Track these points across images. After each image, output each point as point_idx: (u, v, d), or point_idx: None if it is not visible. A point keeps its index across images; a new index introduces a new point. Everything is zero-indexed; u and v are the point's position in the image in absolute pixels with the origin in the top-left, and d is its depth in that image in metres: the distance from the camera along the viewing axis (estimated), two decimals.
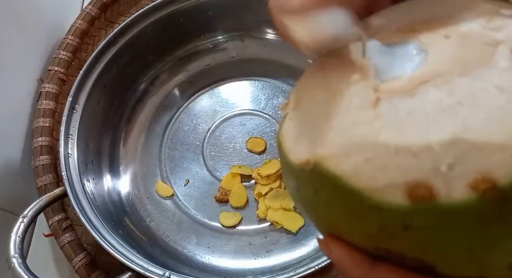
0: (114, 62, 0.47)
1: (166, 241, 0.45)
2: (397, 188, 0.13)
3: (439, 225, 0.13)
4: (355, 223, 0.15)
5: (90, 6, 0.54)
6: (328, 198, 0.15)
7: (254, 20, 0.52)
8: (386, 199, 0.13)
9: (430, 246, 0.14)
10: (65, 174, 0.40)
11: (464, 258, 0.14)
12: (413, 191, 0.13)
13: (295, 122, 0.17)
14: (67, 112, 0.43)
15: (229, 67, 0.53)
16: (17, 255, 0.34)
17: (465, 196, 0.12)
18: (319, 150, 0.15)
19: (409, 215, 0.13)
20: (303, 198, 0.17)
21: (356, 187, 0.14)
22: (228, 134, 0.50)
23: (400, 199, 0.13)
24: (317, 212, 0.17)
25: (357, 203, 0.14)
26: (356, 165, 0.14)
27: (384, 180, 0.13)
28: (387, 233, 0.14)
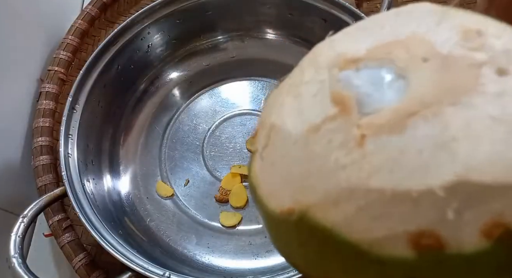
0: (114, 62, 0.47)
1: (166, 241, 0.45)
2: (399, 239, 0.12)
3: (448, 276, 0.12)
4: (353, 276, 0.13)
5: (90, 6, 0.54)
6: (319, 251, 0.14)
7: (254, 20, 0.52)
8: (388, 252, 0.12)
9: None
10: (65, 174, 0.40)
11: None
12: (418, 241, 0.12)
13: (268, 164, 0.15)
14: (67, 112, 0.43)
15: (229, 67, 0.53)
16: (17, 255, 0.34)
17: (477, 245, 0.11)
18: (301, 198, 0.13)
19: (417, 268, 0.12)
20: (287, 248, 0.16)
21: (351, 240, 0.12)
22: (228, 134, 0.50)
23: (404, 250, 0.12)
24: (305, 263, 0.15)
25: (354, 256, 0.13)
26: (348, 215, 0.12)
27: (383, 231, 0.12)
28: None
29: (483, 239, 0.11)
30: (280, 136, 0.15)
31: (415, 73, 0.13)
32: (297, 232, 0.14)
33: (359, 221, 0.12)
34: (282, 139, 0.14)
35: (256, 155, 0.16)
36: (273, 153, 0.15)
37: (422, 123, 0.12)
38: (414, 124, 0.12)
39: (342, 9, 0.44)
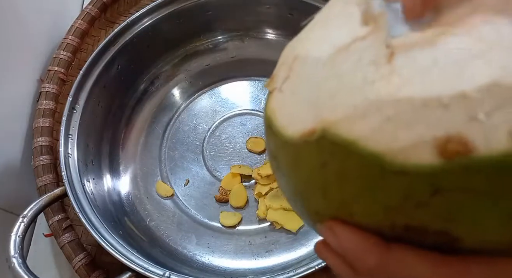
0: (114, 62, 0.47)
1: (166, 241, 0.45)
2: (426, 146, 0.11)
3: (477, 185, 0.11)
4: (374, 196, 0.13)
5: (90, 6, 0.54)
6: (340, 170, 0.13)
7: (254, 20, 0.52)
8: (413, 161, 0.11)
9: (461, 213, 0.12)
10: (65, 174, 0.40)
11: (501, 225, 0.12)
12: (445, 147, 0.11)
13: (289, 93, 0.15)
14: (67, 112, 0.43)
15: (229, 67, 0.53)
16: (17, 255, 0.34)
17: (507, 145, 0.11)
18: (326, 115, 0.13)
19: (441, 177, 0.11)
20: (303, 178, 0.15)
21: (375, 151, 0.12)
22: (228, 134, 0.50)
23: (430, 158, 0.11)
24: (323, 191, 0.14)
25: (377, 170, 0.12)
26: (375, 126, 0.12)
27: (410, 139, 0.11)
28: (413, 202, 0.12)
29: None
30: (304, 63, 0.14)
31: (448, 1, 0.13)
32: (318, 153, 0.13)
33: (385, 131, 0.12)
34: (307, 64, 0.14)
35: (274, 92, 0.16)
36: (295, 82, 0.15)
37: (455, 37, 0.12)
38: (447, 39, 0.12)
39: None
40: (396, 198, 0.12)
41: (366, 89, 0.12)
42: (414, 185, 0.12)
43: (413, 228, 0.13)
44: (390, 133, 0.12)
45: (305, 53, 0.15)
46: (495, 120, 0.11)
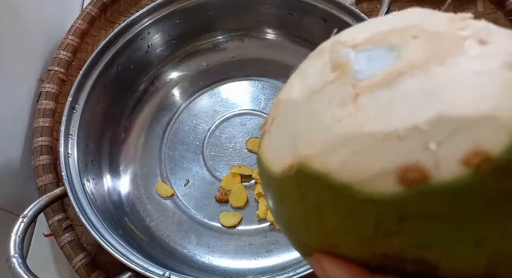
0: (114, 62, 0.47)
1: (166, 241, 0.45)
2: (388, 175, 0.12)
3: (436, 211, 0.12)
4: (349, 226, 0.14)
5: (90, 6, 0.54)
6: (318, 201, 0.14)
7: (254, 20, 0.52)
8: (377, 189, 0.13)
9: (430, 240, 0.13)
10: (65, 174, 0.40)
11: (472, 251, 0.13)
12: (405, 175, 0.12)
13: (274, 133, 0.17)
14: (67, 112, 0.43)
15: (229, 67, 0.53)
16: (17, 255, 0.34)
17: (458, 173, 0.12)
18: (302, 151, 0.14)
19: (404, 203, 0.12)
20: (289, 212, 0.16)
21: (345, 182, 0.13)
22: (228, 134, 0.50)
23: (392, 186, 0.12)
24: (306, 224, 0.16)
25: (349, 200, 0.13)
26: (344, 159, 0.13)
27: (374, 169, 0.13)
28: (383, 230, 0.13)
29: (463, 167, 0.12)
30: (286, 106, 0.16)
31: (406, 47, 0.14)
32: (297, 186, 0.15)
33: (353, 163, 0.13)
34: (288, 107, 0.16)
35: (265, 133, 0.17)
36: (279, 123, 0.16)
37: (410, 79, 0.13)
38: (403, 81, 0.13)
39: (342, 9, 0.44)
40: (368, 227, 0.13)
41: (335, 127, 0.14)
42: (382, 213, 0.13)
43: (391, 257, 0.14)
44: (357, 165, 0.13)
45: (286, 97, 0.16)
46: (446, 149, 0.12)
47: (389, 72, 0.14)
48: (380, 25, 0.16)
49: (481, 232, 0.12)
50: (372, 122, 0.13)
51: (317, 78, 0.15)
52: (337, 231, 0.14)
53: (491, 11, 0.53)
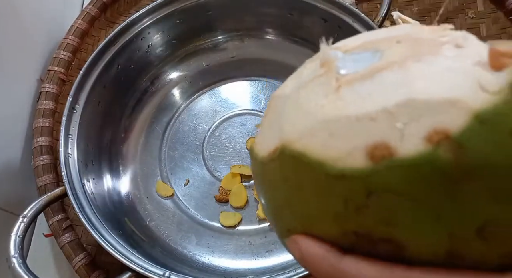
0: (114, 62, 0.47)
1: (166, 241, 0.45)
2: (359, 153, 0.14)
3: (401, 185, 0.13)
4: (324, 203, 0.15)
5: (90, 6, 0.54)
6: (297, 181, 0.15)
7: (254, 20, 0.52)
8: (349, 165, 0.14)
9: (394, 215, 0.14)
10: (65, 174, 0.40)
11: (432, 228, 0.13)
12: (373, 152, 0.13)
13: (264, 126, 0.18)
14: (67, 112, 0.43)
15: (229, 67, 0.53)
16: (17, 255, 0.34)
17: (421, 149, 0.13)
18: (285, 135, 0.16)
19: (371, 178, 0.13)
20: (273, 195, 0.17)
21: (321, 160, 0.14)
22: (228, 134, 0.50)
23: (362, 162, 0.14)
24: (288, 206, 0.17)
25: (324, 177, 0.14)
26: (321, 140, 0.15)
27: (347, 148, 0.14)
28: (353, 206, 0.14)
29: (426, 144, 0.13)
30: (277, 101, 0.18)
31: (389, 49, 0.16)
32: (280, 168, 0.16)
33: (328, 143, 0.14)
34: (279, 101, 0.17)
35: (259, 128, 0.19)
36: (269, 116, 0.18)
37: (388, 73, 0.15)
38: (381, 75, 0.15)
39: (342, 9, 0.44)
40: (340, 203, 0.14)
41: (316, 113, 0.15)
42: (352, 188, 0.14)
43: (362, 236, 0.14)
44: (332, 144, 0.14)
45: (279, 93, 0.18)
46: (411, 129, 0.13)
47: (370, 68, 0.15)
48: (371, 36, 0.17)
49: (438, 209, 0.13)
50: (348, 107, 0.14)
51: (307, 76, 0.17)
52: (314, 210, 0.15)
53: (491, 11, 0.53)
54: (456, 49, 0.15)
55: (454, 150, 0.13)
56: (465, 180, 0.13)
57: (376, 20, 0.43)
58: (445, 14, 0.54)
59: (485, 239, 0.13)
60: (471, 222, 0.13)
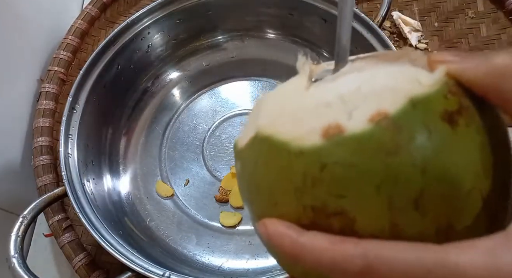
0: (114, 62, 0.47)
1: (166, 241, 0.45)
2: (316, 133, 0.16)
3: (347, 158, 0.15)
4: (286, 180, 0.17)
5: (90, 6, 0.54)
6: (265, 162, 0.18)
7: (254, 20, 0.52)
8: (307, 143, 0.16)
9: (343, 187, 0.16)
10: (65, 174, 0.40)
11: (375, 199, 0.15)
12: (327, 132, 0.16)
13: (247, 123, 0.21)
14: (67, 112, 0.43)
15: (229, 67, 0.53)
16: (17, 255, 0.34)
17: (365, 126, 0.15)
18: (259, 125, 0.18)
19: (323, 152, 0.16)
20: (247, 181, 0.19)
21: (284, 140, 0.17)
22: (228, 134, 0.50)
23: (317, 140, 0.16)
24: (256, 188, 0.18)
25: (286, 155, 0.17)
26: (286, 124, 0.17)
27: (306, 129, 0.16)
28: (310, 180, 0.16)
29: (369, 123, 0.15)
30: (260, 102, 0.20)
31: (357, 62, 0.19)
32: (252, 152, 0.18)
33: (292, 127, 0.17)
34: (260, 101, 0.20)
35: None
36: (252, 115, 0.20)
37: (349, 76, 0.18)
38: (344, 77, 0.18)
39: None
40: (299, 178, 0.16)
41: (286, 104, 0.18)
42: (308, 162, 0.16)
43: (318, 211, 0.16)
44: (295, 127, 0.17)
45: (262, 97, 0.21)
46: (359, 112, 0.16)
47: (337, 74, 0.19)
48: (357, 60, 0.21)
49: (377, 180, 0.15)
50: (311, 99, 0.18)
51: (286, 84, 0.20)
52: (278, 189, 0.17)
53: (491, 11, 0.53)
54: (409, 61, 0.18)
55: (391, 126, 0.15)
56: (398, 152, 0.15)
57: (376, 20, 0.43)
58: (445, 14, 0.54)
59: (421, 211, 0.15)
60: (406, 193, 0.15)
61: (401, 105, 0.15)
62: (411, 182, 0.15)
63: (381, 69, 0.18)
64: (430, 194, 0.15)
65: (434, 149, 0.15)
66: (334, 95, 0.17)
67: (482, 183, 0.16)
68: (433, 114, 0.16)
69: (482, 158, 0.16)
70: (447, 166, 0.15)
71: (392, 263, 0.14)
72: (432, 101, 0.16)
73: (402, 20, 0.53)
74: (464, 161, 0.16)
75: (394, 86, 0.16)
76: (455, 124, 0.16)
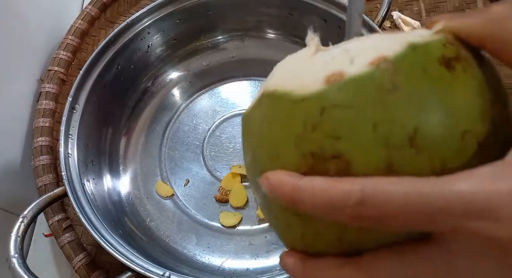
0: (114, 62, 0.47)
1: (166, 241, 0.45)
2: (318, 80, 0.17)
3: (347, 99, 0.16)
4: (288, 129, 0.18)
5: (90, 6, 0.54)
6: (270, 115, 0.19)
7: (254, 20, 0.52)
8: (308, 90, 0.17)
9: (341, 127, 0.16)
10: (65, 174, 0.40)
11: (371, 137, 0.16)
12: (329, 79, 0.17)
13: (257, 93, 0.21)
14: (67, 112, 0.43)
15: (229, 67, 0.53)
16: (17, 255, 0.34)
17: (365, 69, 0.16)
18: (267, 85, 0.19)
19: (324, 96, 0.17)
20: (253, 142, 0.20)
21: (287, 90, 0.18)
22: (228, 134, 0.50)
23: (320, 85, 0.17)
24: (261, 144, 0.19)
25: (288, 104, 0.17)
26: (290, 78, 0.18)
27: (310, 79, 0.17)
28: (310, 125, 0.17)
29: (369, 66, 0.16)
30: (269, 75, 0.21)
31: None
32: (259, 110, 0.19)
33: (296, 79, 0.18)
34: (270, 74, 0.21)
35: None
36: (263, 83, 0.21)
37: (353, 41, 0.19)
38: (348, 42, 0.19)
39: (342, 9, 0.44)
40: (300, 125, 0.17)
41: (293, 66, 0.20)
42: (309, 108, 0.17)
43: (317, 156, 0.17)
44: (299, 79, 0.18)
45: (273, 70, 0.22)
46: (360, 58, 0.17)
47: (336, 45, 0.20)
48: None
49: (374, 118, 0.16)
50: (318, 59, 0.19)
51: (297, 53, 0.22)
52: (280, 139, 0.18)
53: None
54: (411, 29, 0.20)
55: (390, 68, 0.16)
56: (396, 91, 0.16)
57: (376, 20, 0.43)
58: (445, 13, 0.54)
59: (416, 148, 0.16)
60: (402, 130, 0.16)
61: (401, 49, 0.16)
62: (407, 119, 0.16)
63: (385, 34, 0.20)
64: (425, 132, 0.16)
65: (430, 88, 0.16)
66: (339, 50, 0.18)
67: (477, 126, 0.16)
68: (431, 58, 0.16)
69: (478, 103, 0.16)
70: (443, 105, 0.16)
71: (390, 193, 0.15)
72: (431, 47, 0.17)
73: (402, 20, 0.53)
74: (460, 103, 0.16)
75: (396, 37, 0.18)
76: (452, 68, 0.16)
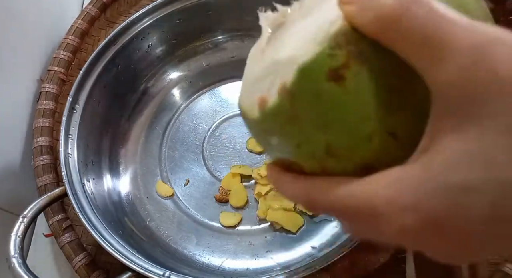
0: (114, 62, 0.47)
1: (166, 241, 0.45)
2: (255, 104, 0.19)
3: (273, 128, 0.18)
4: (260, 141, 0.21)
5: (90, 6, 0.54)
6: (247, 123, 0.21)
7: (254, 20, 0.51)
8: (254, 114, 0.19)
9: (283, 148, 0.19)
10: (65, 174, 0.40)
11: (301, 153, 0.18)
12: (260, 104, 0.18)
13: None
14: (67, 112, 0.43)
15: (229, 67, 0.53)
16: (17, 255, 0.34)
17: (275, 99, 0.17)
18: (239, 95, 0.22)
19: (261, 124, 0.19)
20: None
21: (246, 111, 0.20)
22: (228, 134, 0.50)
23: (256, 112, 0.19)
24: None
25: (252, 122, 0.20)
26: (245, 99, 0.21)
27: (251, 102, 0.19)
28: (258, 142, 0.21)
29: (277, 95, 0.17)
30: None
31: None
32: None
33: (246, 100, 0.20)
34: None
35: None
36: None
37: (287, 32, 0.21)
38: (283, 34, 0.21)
39: None
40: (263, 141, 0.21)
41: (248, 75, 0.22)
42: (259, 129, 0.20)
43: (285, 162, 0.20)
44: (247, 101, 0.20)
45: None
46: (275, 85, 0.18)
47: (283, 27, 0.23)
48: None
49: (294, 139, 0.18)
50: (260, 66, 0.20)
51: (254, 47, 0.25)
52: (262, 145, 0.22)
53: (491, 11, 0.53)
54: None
55: (289, 97, 0.17)
56: (297, 119, 0.17)
57: None
58: None
59: (335, 156, 0.17)
60: (318, 146, 0.17)
61: (293, 75, 0.17)
62: (318, 139, 0.17)
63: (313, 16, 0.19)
64: (336, 145, 0.17)
65: (326, 109, 0.17)
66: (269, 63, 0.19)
67: (385, 121, 0.17)
68: (320, 78, 0.16)
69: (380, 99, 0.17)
70: (341, 122, 0.17)
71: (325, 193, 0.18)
72: (317, 63, 0.17)
73: None
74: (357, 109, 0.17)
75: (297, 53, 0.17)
76: (341, 79, 0.16)
